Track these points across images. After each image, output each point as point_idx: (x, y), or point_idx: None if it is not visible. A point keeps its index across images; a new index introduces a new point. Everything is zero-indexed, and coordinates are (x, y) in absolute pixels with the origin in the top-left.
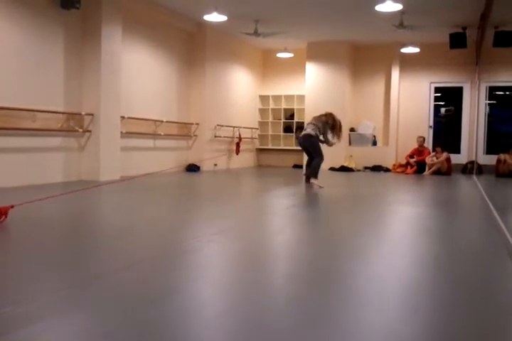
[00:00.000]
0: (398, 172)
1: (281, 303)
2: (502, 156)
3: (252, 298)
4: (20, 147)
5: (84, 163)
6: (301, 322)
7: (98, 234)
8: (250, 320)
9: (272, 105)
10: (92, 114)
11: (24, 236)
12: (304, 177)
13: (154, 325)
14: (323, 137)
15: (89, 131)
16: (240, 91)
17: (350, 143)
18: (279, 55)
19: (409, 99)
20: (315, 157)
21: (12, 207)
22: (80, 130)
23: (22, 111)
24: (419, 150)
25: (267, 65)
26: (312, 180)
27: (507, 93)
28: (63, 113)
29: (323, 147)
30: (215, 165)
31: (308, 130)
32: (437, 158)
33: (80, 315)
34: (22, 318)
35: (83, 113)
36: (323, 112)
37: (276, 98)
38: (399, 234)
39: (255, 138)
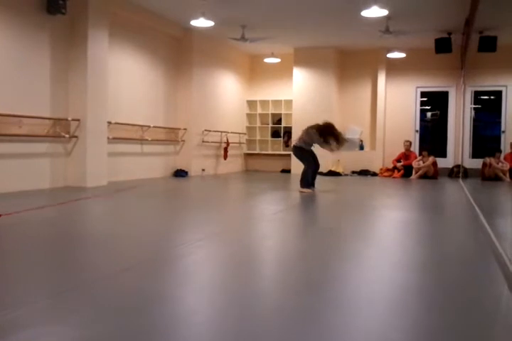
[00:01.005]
0: (385, 176)
1: (269, 309)
2: (488, 160)
3: (239, 304)
4: (7, 153)
5: (71, 168)
6: (290, 327)
7: (86, 241)
8: (238, 325)
9: (259, 110)
10: (78, 120)
11: (15, 243)
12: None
13: (144, 331)
14: (322, 145)
15: (76, 137)
16: (228, 97)
17: None
18: (266, 60)
19: (395, 103)
20: (304, 166)
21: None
22: (67, 136)
23: (8, 116)
24: (406, 155)
25: (254, 70)
26: (300, 188)
27: (492, 97)
28: (49, 118)
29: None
30: (203, 170)
31: (296, 141)
32: (424, 162)
33: (69, 321)
34: (12, 324)
35: (69, 118)
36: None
37: (264, 103)
38: (387, 239)
39: (243, 143)
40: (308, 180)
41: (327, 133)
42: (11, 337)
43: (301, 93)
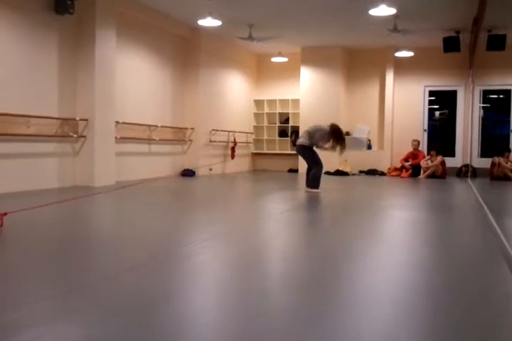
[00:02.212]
0: (393, 175)
1: (276, 309)
2: (496, 159)
3: (246, 304)
4: (15, 153)
5: (79, 168)
6: (297, 328)
7: (91, 241)
8: (245, 326)
9: (266, 109)
10: (86, 120)
11: (18, 243)
12: (305, 188)
13: (149, 332)
14: (317, 144)
15: (84, 137)
16: (235, 96)
17: None
18: (274, 59)
19: (403, 102)
20: (313, 167)
21: (5, 214)
22: (75, 135)
23: (16, 116)
24: (414, 154)
25: (261, 70)
26: (309, 189)
27: (500, 96)
28: (58, 118)
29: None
30: (211, 169)
31: (302, 140)
32: (432, 162)
33: (73, 322)
34: (13, 326)
35: (77, 118)
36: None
37: (271, 102)
38: (395, 238)
39: (250, 143)
40: (318, 181)
41: (339, 138)
42: (14, 337)
43: (309, 92)
